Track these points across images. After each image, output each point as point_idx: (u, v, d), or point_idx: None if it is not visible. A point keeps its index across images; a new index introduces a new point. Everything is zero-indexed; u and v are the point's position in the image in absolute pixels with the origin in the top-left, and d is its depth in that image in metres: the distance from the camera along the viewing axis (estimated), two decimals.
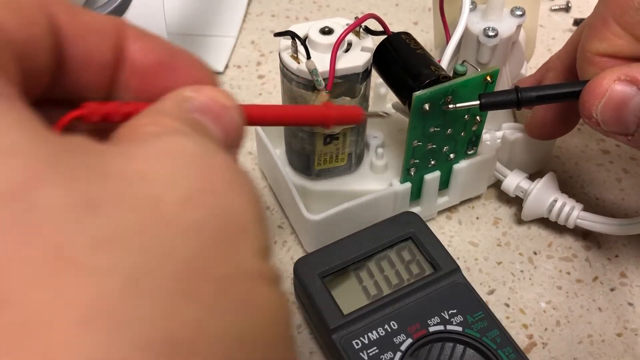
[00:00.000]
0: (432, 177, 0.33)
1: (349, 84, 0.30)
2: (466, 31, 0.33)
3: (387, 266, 0.29)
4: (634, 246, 0.35)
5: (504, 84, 0.35)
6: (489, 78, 0.30)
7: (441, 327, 0.27)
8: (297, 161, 0.34)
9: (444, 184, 0.35)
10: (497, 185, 0.37)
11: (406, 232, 0.30)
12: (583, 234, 0.35)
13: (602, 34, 0.28)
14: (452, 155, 0.33)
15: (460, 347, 0.26)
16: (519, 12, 0.33)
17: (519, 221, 0.36)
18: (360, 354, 0.26)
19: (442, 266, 0.29)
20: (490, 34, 0.32)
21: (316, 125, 0.24)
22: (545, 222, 0.35)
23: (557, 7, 0.51)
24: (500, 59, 0.34)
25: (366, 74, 0.31)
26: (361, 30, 0.31)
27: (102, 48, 0.17)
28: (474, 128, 0.32)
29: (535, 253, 0.35)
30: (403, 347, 0.26)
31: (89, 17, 0.17)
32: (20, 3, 0.15)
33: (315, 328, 0.30)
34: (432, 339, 0.27)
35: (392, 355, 0.26)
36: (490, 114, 0.36)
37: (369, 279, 0.29)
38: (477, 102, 0.29)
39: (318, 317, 0.28)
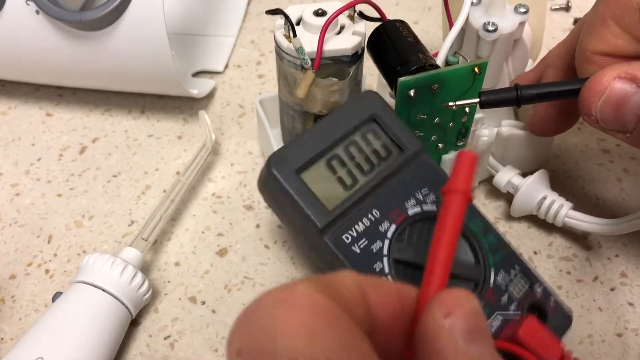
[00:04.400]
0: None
1: (338, 66, 0.31)
2: (468, 25, 0.33)
3: (355, 152, 0.28)
4: (634, 246, 0.35)
5: (505, 81, 0.35)
6: (477, 69, 0.30)
7: (418, 209, 0.27)
8: (289, 139, 0.35)
9: None
10: (489, 180, 0.37)
11: (369, 113, 0.28)
12: (584, 234, 0.35)
13: (601, 34, 0.28)
14: (440, 145, 0.33)
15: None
16: (522, 10, 0.33)
17: (513, 218, 0.36)
18: (352, 247, 0.26)
19: (407, 146, 0.28)
20: (490, 28, 0.32)
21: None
22: (545, 222, 0.35)
23: (557, 7, 0.51)
24: (500, 55, 0.34)
25: (356, 57, 0.31)
26: (356, 14, 0.32)
27: (362, 315, 0.18)
28: (463, 119, 0.33)
29: (535, 252, 0.35)
30: (389, 234, 0.26)
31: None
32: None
33: (295, 231, 0.28)
34: (412, 221, 0.27)
35: (382, 244, 0.26)
36: (491, 110, 0.36)
37: (341, 168, 0.27)
38: (477, 99, 0.29)
39: (302, 219, 0.26)
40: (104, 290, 0.30)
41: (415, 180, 0.28)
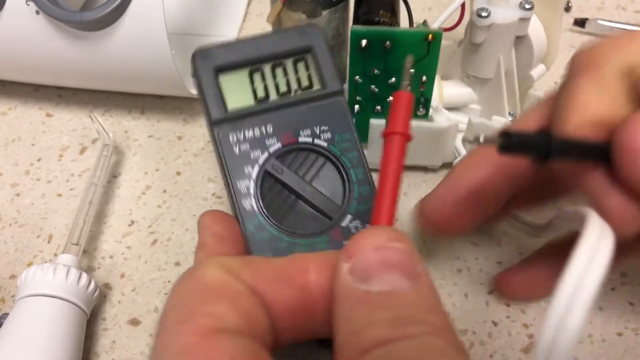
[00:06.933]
0: (377, 123, 0.34)
1: (313, 6, 0.33)
2: (472, 10, 0.34)
3: (280, 73, 0.29)
4: None
5: (500, 76, 0.35)
6: (430, 37, 0.31)
7: (309, 140, 0.28)
8: None
9: None
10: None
11: (307, 44, 0.30)
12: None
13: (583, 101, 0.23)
14: None
15: (321, 160, 0.28)
16: (527, 6, 0.33)
17: None
18: (233, 147, 0.28)
19: (329, 85, 0.29)
20: (483, 14, 0.33)
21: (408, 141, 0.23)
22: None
23: None
24: (495, 45, 0.34)
25: (330, 2, 0.33)
26: None
27: (289, 296, 0.19)
28: (421, 89, 0.33)
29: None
30: (272, 150, 0.28)
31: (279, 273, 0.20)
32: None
33: (205, 120, 0.31)
34: (298, 148, 0.28)
35: (260, 154, 0.28)
36: (487, 102, 0.36)
37: (260, 81, 0.29)
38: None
39: (205, 110, 0.29)
40: (52, 297, 0.30)
41: (319, 116, 0.29)
